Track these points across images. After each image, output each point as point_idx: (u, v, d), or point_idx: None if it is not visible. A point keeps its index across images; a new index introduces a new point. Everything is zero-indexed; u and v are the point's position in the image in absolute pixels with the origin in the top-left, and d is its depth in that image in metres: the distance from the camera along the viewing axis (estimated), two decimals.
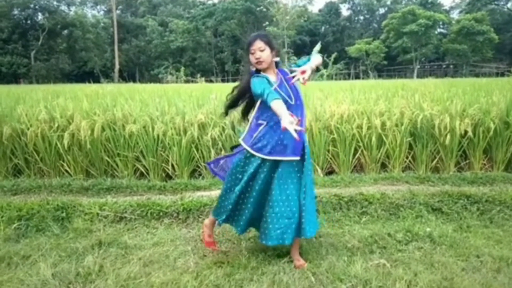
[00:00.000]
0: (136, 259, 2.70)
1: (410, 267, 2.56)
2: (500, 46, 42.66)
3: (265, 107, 2.44)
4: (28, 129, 4.42)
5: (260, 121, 2.52)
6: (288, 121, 2.07)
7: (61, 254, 2.78)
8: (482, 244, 2.93)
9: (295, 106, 2.50)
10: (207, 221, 2.81)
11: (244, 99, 2.67)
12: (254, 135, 2.51)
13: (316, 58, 2.52)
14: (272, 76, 2.51)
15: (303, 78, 2.35)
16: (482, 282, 2.37)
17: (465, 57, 40.72)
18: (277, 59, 2.55)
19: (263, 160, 2.48)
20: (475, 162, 4.61)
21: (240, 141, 2.58)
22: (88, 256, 2.73)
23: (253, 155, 2.50)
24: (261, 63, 2.46)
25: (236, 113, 4.41)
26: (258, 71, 2.52)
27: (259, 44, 2.43)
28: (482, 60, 41.30)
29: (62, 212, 3.40)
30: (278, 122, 2.35)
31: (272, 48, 2.48)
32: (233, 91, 2.69)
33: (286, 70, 2.59)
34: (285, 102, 2.41)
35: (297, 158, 2.47)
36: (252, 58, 2.47)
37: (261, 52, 2.44)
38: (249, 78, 2.53)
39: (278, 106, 2.23)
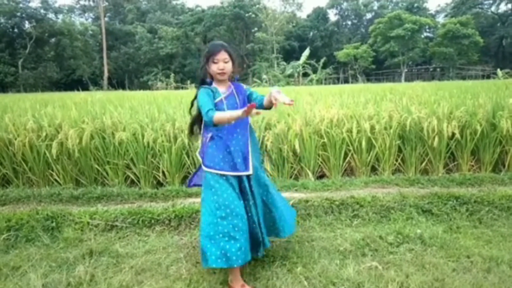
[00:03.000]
0: (128, 267, 2.68)
1: (402, 269, 2.58)
2: (485, 49, 43.49)
3: None
4: (15, 138, 4.37)
5: (207, 134, 2.47)
6: (242, 111, 2.07)
7: (51, 264, 2.74)
8: (472, 244, 2.96)
9: (240, 122, 2.41)
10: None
11: None
12: (205, 149, 2.45)
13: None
14: (221, 88, 2.46)
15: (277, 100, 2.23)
16: (472, 282, 2.40)
17: (452, 60, 41.35)
18: (237, 74, 2.52)
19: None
20: (463, 163, 4.67)
21: (197, 155, 2.55)
22: (79, 265, 2.70)
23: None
24: (223, 75, 2.41)
25: None
26: (204, 80, 2.46)
27: (224, 55, 2.39)
28: (468, 63, 42.00)
29: (52, 222, 3.35)
30: (226, 134, 2.38)
31: (233, 61, 2.44)
32: (192, 104, 2.59)
33: (241, 84, 2.56)
34: None
35: (246, 173, 2.41)
36: (214, 68, 2.40)
37: (225, 63, 2.40)
38: None
39: (221, 116, 2.20)
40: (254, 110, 2.06)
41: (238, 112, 2.12)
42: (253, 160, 2.47)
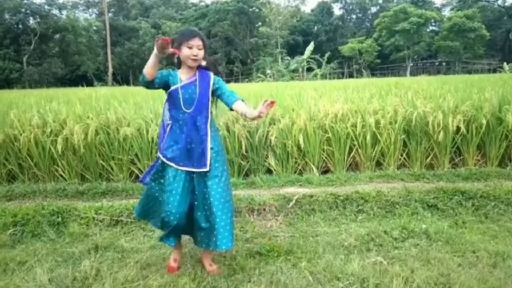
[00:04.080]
0: (133, 262, 2.69)
1: (407, 264, 2.57)
2: (492, 42, 43.04)
3: (171, 103, 2.41)
4: (21, 134, 4.39)
5: (167, 121, 2.45)
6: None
7: (57, 259, 2.76)
8: (477, 239, 2.95)
9: (190, 116, 2.37)
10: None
11: None
12: (164, 137, 2.44)
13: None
14: (184, 75, 2.41)
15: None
16: (478, 278, 2.39)
17: (457, 54, 40.97)
18: (204, 62, 2.44)
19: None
20: (469, 158, 4.64)
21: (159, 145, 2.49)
22: (85, 260, 2.71)
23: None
24: (196, 61, 2.36)
25: (230, 113, 4.43)
26: (173, 63, 2.46)
27: (199, 42, 2.34)
28: (474, 57, 41.59)
29: (58, 217, 3.38)
30: (184, 123, 2.36)
31: (205, 50, 2.40)
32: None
33: (210, 73, 2.46)
34: (176, 107, 2.37)
35: (203, 170, 2.38)
36: (187, 52, 2.33)
37: (199, 50, 2.35)
38: None
39: (147, 64, 2.23)
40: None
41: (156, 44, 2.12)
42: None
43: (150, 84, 2.34)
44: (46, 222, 3.33)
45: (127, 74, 48.54)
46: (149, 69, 2.26)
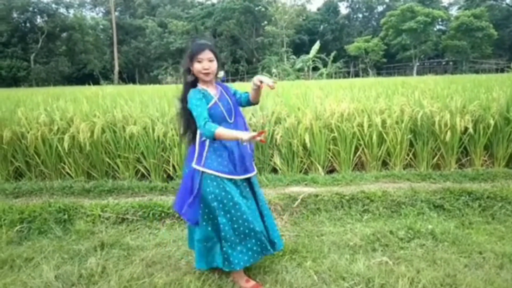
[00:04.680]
0: (139, 260, 2.71)
1: (413, 264, 2.56)
2: (499, 42, 42.57)
3: (212, 119, 2.27)
4: (28, 132, 4.43)
5: (202, 139, 2.33)
6: (244, 135, 2.06)
7: (63, 256, 2.79)
8: (484, 240, 2.93)
9: (233, 125, 2.33)
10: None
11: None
12: (204, 154, 2.32)
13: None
14: (211, 89, 2.35)
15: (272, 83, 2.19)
16: (485, 279, 2.37)
17: (465, 53, 40.63)
18: (222, 73, 2.41)
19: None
20: (476, 158, 4.60)
21: (194, 166, 2.33)
22: (91, 257, 2.73)
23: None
24: (208, 75, 2.29)
25: None
26: (194, 82, 2.35)
27: (209, 54, 2.26)
28: (482, 57, 41.22)
29: (64, 214, 3.40)
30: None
31: (218, 60, 2.32)
32: (183, 102, 2.38)
33: (226, 84, 2.47)
34: (222, 120, 2.29)
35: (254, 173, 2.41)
36: (198, 67, 2.26)
37: (210, 62, 2.27)
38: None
39: (223, 133, 2.12)
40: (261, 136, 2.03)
41: (243, 136, 2.05)
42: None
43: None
44: (53, 219, 3.36)
45: (133, 73, 48.75)
46: (222, 139, 2.19)
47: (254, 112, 4.65)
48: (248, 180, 2.41)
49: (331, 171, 4.63)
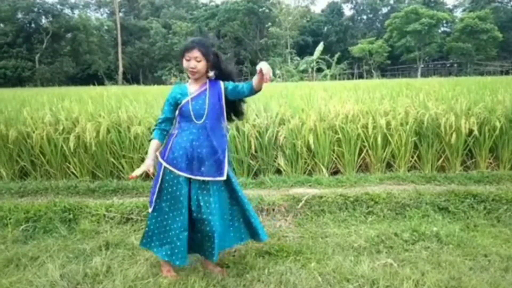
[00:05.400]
0: (143, 259, 2.72)
1: (417, 266, 2.55)
2: (504, 44, 42.35)
3: (182, 116, 2.40)
4: (33, 131, 4.45)
5: (173, 131, 2.45)
6: (143, 166, 2.39)
7: (68, 255, 2.80)
8: (489, 243, 2.91)
9: (201, 126, 2.36)
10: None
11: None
12: (168, 146, 2.42)
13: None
14: (193, 86, 2.41)
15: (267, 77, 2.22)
16: (490, 282, 2.36)
17: (469, 55, 40.47)
18: (211, 74, 2.42)
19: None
20: (481, 161, 4.58)
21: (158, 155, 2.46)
22: (96, 257, 2.74)
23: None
24: (194, 74, 2.35)
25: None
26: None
27: (196, 53, 2.30)
28: (486, 59, 41.04)
29: (69, 214, 3.42)
30: (186, 130, 2.38)
31: (207, 60, 2.35)
32: None
33: (219, 82, 2.44)
34: (190, 119, 2.35)
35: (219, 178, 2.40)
36: (185, 64, 2.35)
37: (197, 62, 2.32)
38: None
39: (150, 146, 2.43)
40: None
41: (141, 167, 2.43)
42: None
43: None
44: (58, 218, 3.37)
45: (137, 73, 48.87)
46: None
47: (258, 113, 4.66)
48: (212, 183, 2.40)
49: (335, 172, 4.62)
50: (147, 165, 2.39)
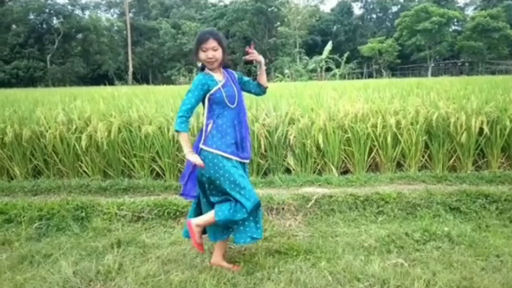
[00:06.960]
0: (155, 257, 2.75)
1: (429, 266, 2.54)
2: None
3: (215, 103, 2.45)
4: (47, 131, 4.52)
5: (208, 121, 2.49)
6: (191, 156, 2.34)
7: (81, 252, 2.84)
8: (502, 243, 2.89)
9: (235, 110, 2.49)
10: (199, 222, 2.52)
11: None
12: (206, 134, 2.47)
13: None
14: (218, 75, 2.50)
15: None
16: (502, 282, 2.34)
17: (481, 54, 39.94)
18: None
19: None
20: (493, 160, 4.53)
21: (202, 146, 2.45)
22: (108, 254, 2.78)
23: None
24: (213, 63, 2.45)
25: (249, 113, 4.45)
26: (203, 67, 2.52)
27: (213, 43, 2.40)
28: (498, 57, 40.45)
29: (82, 212, 3.47)
30: (224, 116, 2.46)
31: (223, 48, 2.45)
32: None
33: (233, 72, 2.61)
34: (225, 105, 2.44)
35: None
36: (203, 56, 2.43)
37: (214, 51, 2.41)
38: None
39: (181, 139, 2.40)
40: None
41: (190, 156, 2.35)
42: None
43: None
44: (71, 216, 3.43)
45: (146, 73, 49.21)
46: (179, 138, 2.52)
47: (268, 113, 4.67)
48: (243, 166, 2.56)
49: (345, 172, 4.61)
50: (196, 157, 2.36)
